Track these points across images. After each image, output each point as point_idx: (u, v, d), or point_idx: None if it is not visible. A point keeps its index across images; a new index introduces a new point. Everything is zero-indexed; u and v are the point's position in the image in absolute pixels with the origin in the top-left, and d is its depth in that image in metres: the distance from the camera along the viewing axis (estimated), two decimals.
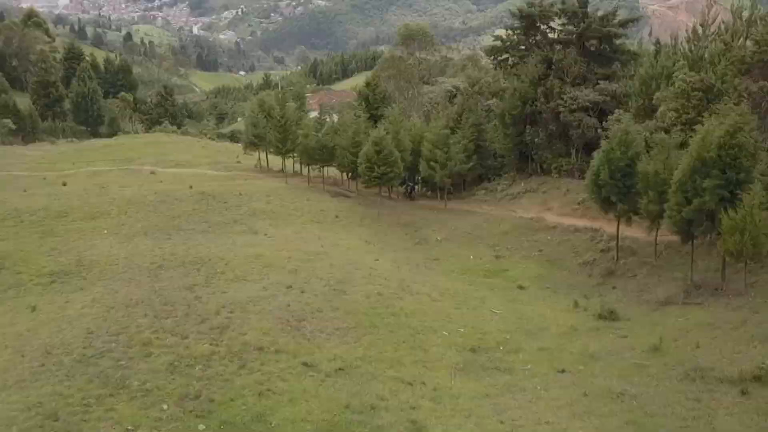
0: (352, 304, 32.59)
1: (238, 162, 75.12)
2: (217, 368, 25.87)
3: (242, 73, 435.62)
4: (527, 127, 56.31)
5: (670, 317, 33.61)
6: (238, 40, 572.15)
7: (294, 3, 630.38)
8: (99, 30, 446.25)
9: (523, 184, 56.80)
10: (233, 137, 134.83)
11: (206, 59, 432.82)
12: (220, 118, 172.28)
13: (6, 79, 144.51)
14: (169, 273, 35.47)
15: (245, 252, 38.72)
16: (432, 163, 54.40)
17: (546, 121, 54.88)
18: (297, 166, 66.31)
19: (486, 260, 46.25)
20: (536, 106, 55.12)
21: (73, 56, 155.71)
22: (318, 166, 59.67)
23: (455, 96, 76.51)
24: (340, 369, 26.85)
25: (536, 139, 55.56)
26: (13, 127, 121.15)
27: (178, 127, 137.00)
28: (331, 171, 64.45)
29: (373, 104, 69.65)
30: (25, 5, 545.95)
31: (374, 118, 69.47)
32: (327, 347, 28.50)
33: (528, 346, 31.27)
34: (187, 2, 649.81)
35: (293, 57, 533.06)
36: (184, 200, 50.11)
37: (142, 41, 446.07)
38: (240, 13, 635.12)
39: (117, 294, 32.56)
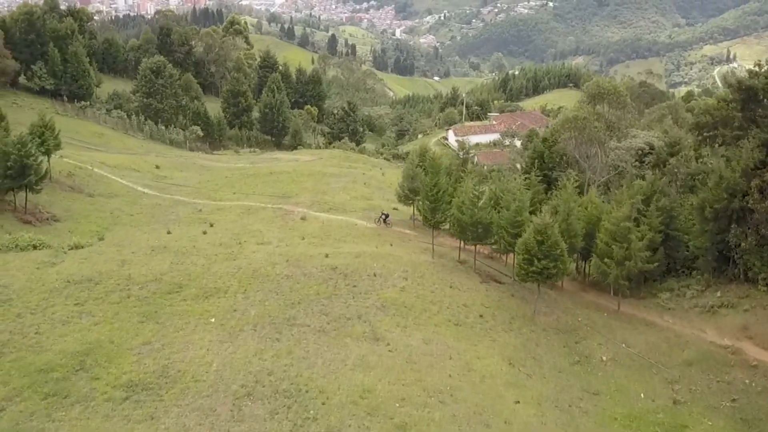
0: None
1: (395, 209, 68.01)
2: None
3: (436, 78, 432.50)
4: (732, 225, 44.03)
5: None
6: (437, 44, 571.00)
7: (496, 10, 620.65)
8: (307, 29, 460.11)
9: (719, 294, 44.41)
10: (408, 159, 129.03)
11: (403, 63, 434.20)
12: (401, 134, 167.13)
13: (202, 84, 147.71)
14: (255, 408, 28.57)
15: (352, 382, 31.03)
16: (607, 259, 44.03)
17: (758, 222, 42.36)
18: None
19: (660, 404, 35.64)
20: (747, 202, 42.77)
21: (267, 65, 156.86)
22: (472, 243, 50.28)
23: (647, 154, 64.85)
24: None
25: (742, 243, 43.15)
26: (201, 134, 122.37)
27: (357, 144, 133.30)
28: None
29: (548, 163, 59.77)
30: (244, 2, 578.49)
31: (547, 181, 59.63)
32: None
33: None
34: (393, 5, 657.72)
35: (488, 63, 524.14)
36: (312, 277, 43.29)
37: (346, 42, 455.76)
38: (442, 18, 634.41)
39: None
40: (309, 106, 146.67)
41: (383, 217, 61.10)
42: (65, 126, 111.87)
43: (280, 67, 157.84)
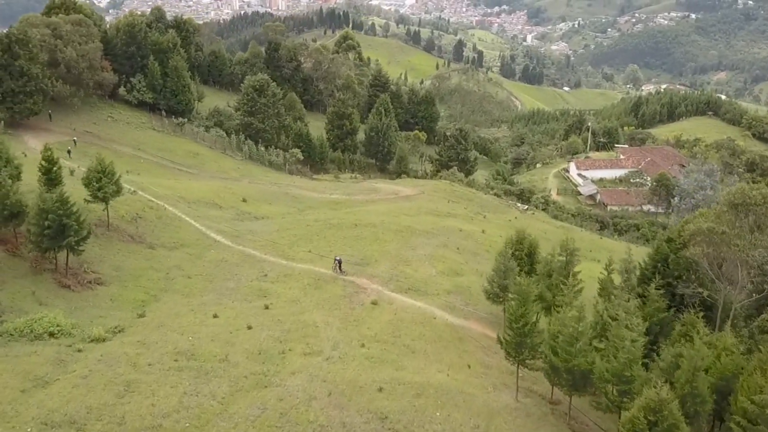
0: None
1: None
2: None
3: (566, 88, 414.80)
4: None
5: None
6: (569, 52, 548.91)
7: (634, 20, 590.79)
8: (435, 32, 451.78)
9: None
10: (522, 196, 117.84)
11: (532, 72, 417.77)
12: (518, 162, 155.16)
13: (309, 102, 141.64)
14: None
15: None
16: None
17: None
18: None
19: None
20: None
21: (378, 83, 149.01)
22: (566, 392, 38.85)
23: None
24: None
25: None
26: (301, 157, 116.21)
27: (467, 175, 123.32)
28: None
29: (672, 270, 47.59)
30: (374, 2, 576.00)
31: (671, 293, 47.44)
32: None
33: None
34: (525, 11, 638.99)
35: (623, 75, 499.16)
36: None
37: (474, 47, 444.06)
38: (576, 25, 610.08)
39: None
40: (417, 131, 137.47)
41: (337, 263, 58.57)
42: (160, 144, 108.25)
43: (392, 86, 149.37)
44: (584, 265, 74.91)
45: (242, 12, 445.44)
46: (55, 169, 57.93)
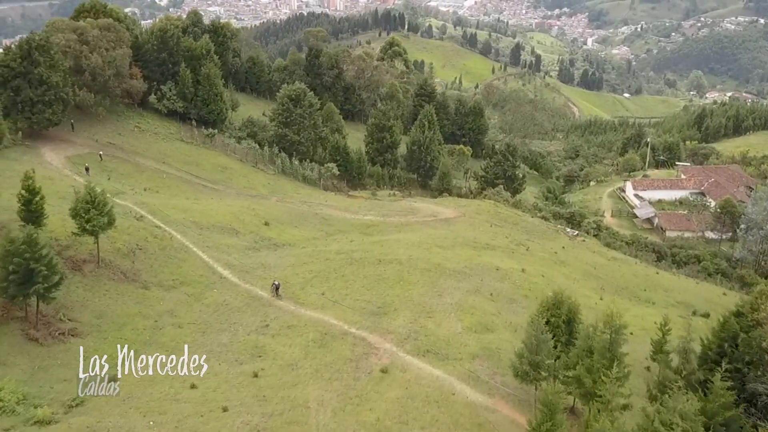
0: None
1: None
2: None
3: (626, 95, 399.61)
4: None
5: None
6: (631, 57, 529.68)
7: (699, 24, 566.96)
8: (492, 35, 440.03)
9: None
10: (572, 220, 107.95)
11: (591, 77, 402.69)
12: (570, 180, 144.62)
13: (350, 111, 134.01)
14: None
15: None
16: None
17: None
18: None
19: None
20: None
21: (423, 93, 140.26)
22: None
23: None
24: None
25: None
26: (337, 172, 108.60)
27: (513, 194, 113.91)
28: None
29: (742, 353, 38.00)
30: (432, 3, 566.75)
31: (739, 380, 37.83)
32: None
33: None
34: (586, 14, 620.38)
35: (686, 81, 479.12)
36: None
37: (532, 50, 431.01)
38: (639, 29, 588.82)
39: None
40: (462, 146, 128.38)
41: (275, 286, 57.12)
42: (187, 156, 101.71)
43: (438, 96, 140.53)
44: (636, 311, 65.75)
45: (299, 12, 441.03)
46: (36, 199, 51.18)
